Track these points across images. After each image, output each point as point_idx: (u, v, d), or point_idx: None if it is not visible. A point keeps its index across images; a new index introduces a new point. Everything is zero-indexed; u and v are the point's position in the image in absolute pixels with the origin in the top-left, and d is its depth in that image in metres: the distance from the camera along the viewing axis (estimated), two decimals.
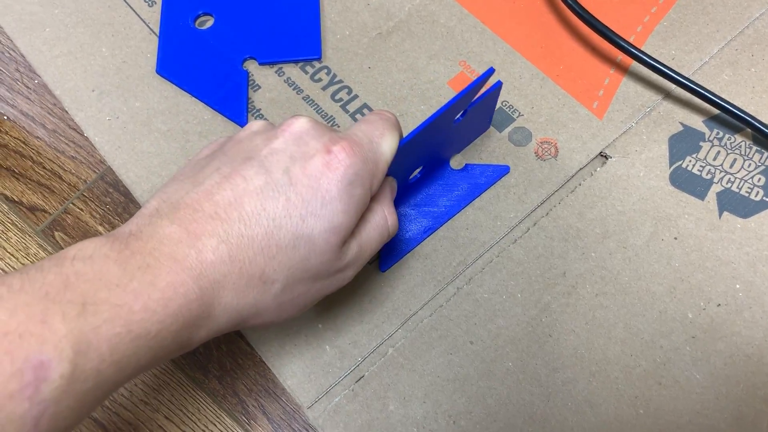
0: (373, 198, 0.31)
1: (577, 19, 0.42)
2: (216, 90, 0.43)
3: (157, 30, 0.45)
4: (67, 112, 0.44)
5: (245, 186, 0.27)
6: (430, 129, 0.32)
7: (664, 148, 0.39)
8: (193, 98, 0.43)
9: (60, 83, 0.44)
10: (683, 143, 0.40)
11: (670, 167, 0.39)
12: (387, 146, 0.30)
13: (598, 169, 0.39)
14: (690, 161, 0.39)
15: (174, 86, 0.43)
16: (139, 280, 0.23)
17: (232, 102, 0.42)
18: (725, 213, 0.38)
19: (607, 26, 0.40)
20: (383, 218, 0.31)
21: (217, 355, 0.38)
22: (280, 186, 0.27)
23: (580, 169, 0.39)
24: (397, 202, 0.38)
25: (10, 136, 0.45)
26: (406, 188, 0.38)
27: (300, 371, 0.36)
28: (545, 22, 0.44)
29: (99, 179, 0.43)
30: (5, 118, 0.45)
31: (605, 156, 0.40)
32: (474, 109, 0.35)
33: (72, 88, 0.44)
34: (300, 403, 0.35)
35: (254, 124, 0.30)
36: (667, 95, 0.41)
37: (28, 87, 0.46)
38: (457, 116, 0.35)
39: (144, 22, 0.45)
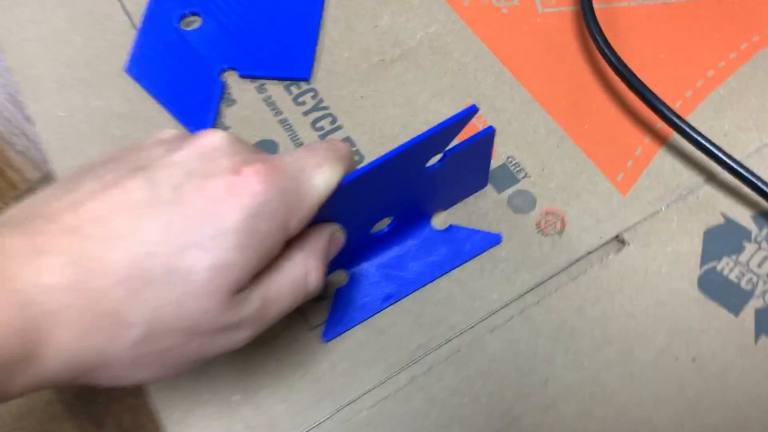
0: (294, 243, 0.25)
1: (614, 73, 0.35)
2: (185, 99, 0.37)
3: (138, 25, 0.40)
4: (23, 102, 0.39)
5: (122, 199, 0.21)
6: (391, 169, 0.26)
7: (696, 243, 0.32)
8: (159, 105, 0.37)
9: (23, 69, 0.39)
10: (722, 240, 0.32)
11: (700, 268, 0.31)
12: (322, 180, 0.24)
13: (611, 256, 0.32)
14: (727, 264, 0.31)
15: (141, 89, 0.38)
16: None
17: (199, 114, 0.37)
18: (763, 337, 0.30)
19: (647, 87, 0.33)
20: (301, 270, 0.24)
21: (118, 409, 0.32)
22: (164, 204, 0.21)
23: (589, 252, 0.32)
24: (358, 258, 0.32)
25: None
26: (369, 242, 0.31)
27: None
28: (576, 73, 0.37)
29: (42, 180, 0.38)
30: None
31: (622, 241, 0.32)
32: (457, 156, 0.29)
33: (34, 76, 0.39)
34: None
35: (165, 132, 0.25)
36: (711, 178, 0.33)
37: None
38: (434, 162, 0.28)
39: (127, 14, 0.41)
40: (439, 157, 0.29)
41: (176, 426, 0.30)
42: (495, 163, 0.35)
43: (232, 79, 0.38)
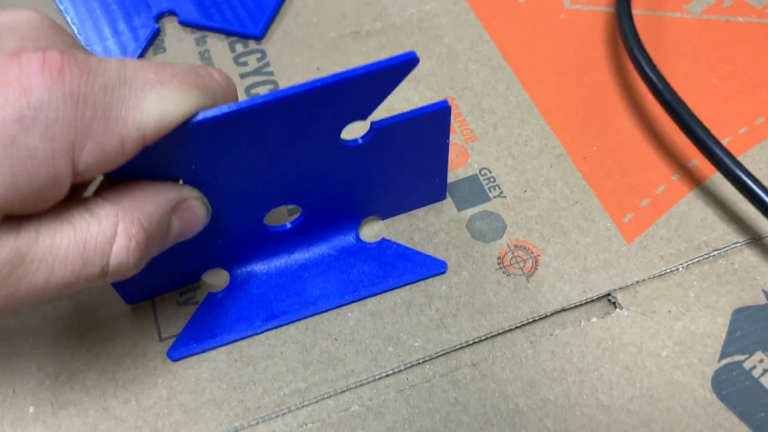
0: (106, 193, 0.17)
1: (648, 90, 0.26)
2: (109, 34, 0.30)
3: None
4: None
5: None
6: (284, 123, 0.18)
7: (720, 324, 0.22)
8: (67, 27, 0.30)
9: None
10: (759, 327, 0.22)
11: (719, 360, 0.21)
12: (156, 103, 0.16)
13: (594, 320, 0.22)
14: (761, 362, 0.21)
15: (59, 12, 0.31)
16: None
17: (116, 54, 0.29)
18: None
19: (692, 112, 0.24)
20: (107, 232, 0.17)
21: None
22: None
23: (564, 309, 0.23)
24: (247, 257, 0.23)
25: None
26: (264, 238, 0.23)
27: None
28: (595, 83, 0.28)
29: None
30: None
31: (613, 302, 0.23)
32: (393, 134, 0.20)
33: None
34: None
35: None
36: (756, 242, 0.24)
37: None
38: (357, 136, 0.20)
39: None
40: (365, 129, 0.20)
41: None
42: (464, 172, 0.26)
43: (170, 25, 0.31)
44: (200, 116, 0.17)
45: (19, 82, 0.15)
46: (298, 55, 0.30)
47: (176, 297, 0.23)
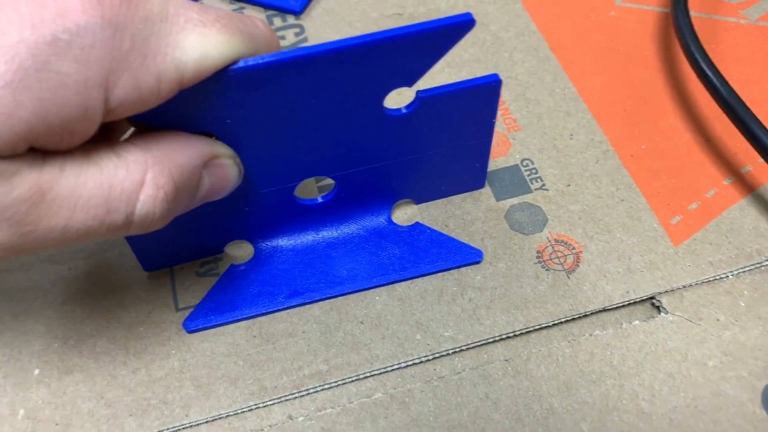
0: (137, 140, 0.16)
1: (697, 91, 0.25)
2: None
3: None
4: None
5: None
6: (328, 80, 0.17)
7: None
8: None
9: None
10: None
11: None
12: (197, 42, 0.16)
13: (637, 322, 0.21)
14: None
15: None
16: None
17: None
18: None
19: (752, 113, 0.23)
20: (134, 178, 0.16)
21: None
22: None
23: (605, 309, 0.21)
24: (272, 231, 0.22)
25: None
26: (291, 211, 0.22)
27: None
28: (646, 80, 0.27)
29: None
30: None
31: (658, 306, 0.21)
32: (438, 106, 0.19)
33: None
34: None
35: None
36: None
37: None
38: (401, 105, 0.19)
39: None
40: (410, 99, 0.19)
41: None
42: (505, 161, 0.25)
43: None
44: (241, 63, 0.16)
45: (55, 3, 0.14)
46: (337, 33, 0.29)
47: (196, 267, 0.22)
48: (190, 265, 0.22)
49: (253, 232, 0.22)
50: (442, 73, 0.27)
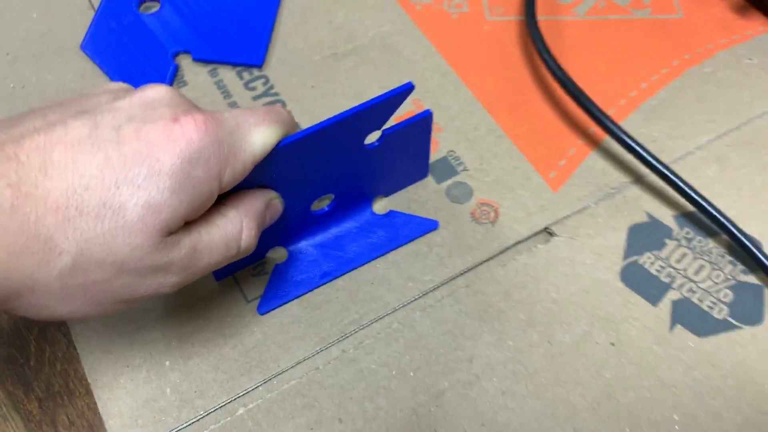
0: (230, 202, 0.26)
1: (553, 80, 0.37)
2: (138, 77, 0.38)
3: (96, 5, 0.41)
4: None
5: (63, 135, 0.22)
6: (329, 139, 0.27)
7: (621, 238, 0.33)
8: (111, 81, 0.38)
9: None
10: (645, 236, 0.34)
11: (623, 260, 0.33)
12: (259, 137, 0.25)
13: (540, 246, 0.33)
14: (648, 258, 0.33)
15: (95, 66, 0.38)
16: None
17: None
18: (678, 326, 0.31)
19: (584, 93, 0.35)
20: (235, 227, 0.25)
21: (48, 373, 0.31)
22: (103, 142, 0.22)
23: (519, 242, 0.33)
24: (297, 237, 0.33)
25: None
26: (309, 221, 0.32)
27: (128, 411, 0.29)
28: (517, 77, 0.39)
29: None
30: None
31: (550, 233, 0.34)
32: (396, 137, 0.30)
33: None
34: None
35: (111, 84, 0.26)
36: (638, 180, 0.35)
37: None
38: (373, 140, 0.30)
39: None
40: (378, 135, 0.30)
41: (104, 389, 0.30)
42: (436, 156, 0.36)
43: (185, 62, 0.39)
44: (282, 142, 0.26)
45: (183, 137, 0.23)
46: (294, 77, 0.39)
47: (250, 271, 0.33)
48: (245, 270, 0.33)
49: (285, 239, 0.32)
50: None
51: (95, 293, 0.22)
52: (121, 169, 0.21)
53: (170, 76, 0.38)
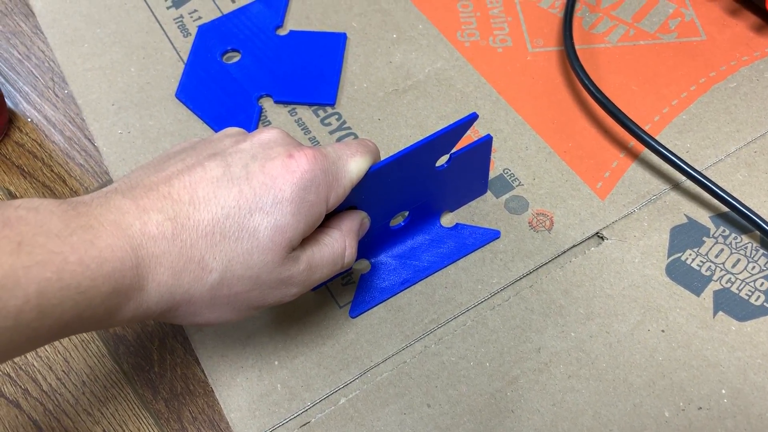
0: (333, 223, 0.31)
1: (594, 101, 0.42)
2: (228, 119, 0.43)
3: (185, 58, 0.47)
4: (85, 121, 0.45)
5: (203, 174, 0.27)
6: (407, 164, 0.32)
7: (664, 238, 0.38)
8: (205, 125, 0.44)
9: (84, 94, 0.46)
10: (685, 236, 0.38)
11: (668, 258, 0.37)
12: (354, 165, 0.30)
13: (592, 248, 0.38)
14: (690, 255, 0.37)
15: (189, 111, 0.44)
16: (79, 236, 0.23)
17: None
18: (720, 313, 0.35)
19: (622, 112, 0.40)
20: (340, 245, 0.30)
21: (170, 377, 0.37)
22: (236, 178, 0.27)
23: (574, 246, 0.38)
24: (378, 250, 0.38)
25: (29, 137, 0.46)
26: (388, 235, 0.37)
27: (246, 405, 0.34)
28: (561, 101, 0.44)
29: (99, 187, 0.44)
30: (29, 120, 0.47)
31: (601, 237, 0.38)
32: (461, 159, 0.35)
33: (94, 100, 0.45)
34: None
35: (229, 129, 0.31)
36: (676, 186, 0.40)
37: (57, 95, 0.48)
38: (442, 163, 0.34)
39: (175, 50, 0.47)
40: (446, 159, 0.35)
41: (224, 387, 0.35)
42: (493, 173, 0.41)
43: (267, 104, 0.44)
44: (371, 169, 0.31)
45: (298, 169, 0.28)
46: (363, 112, 0.44)
47: (339, 281, 0.37)
48: (336, 281, 0.37)
49: (369, 252, 0.37)
50: (437, 125, 0.43)
51: (236, 302, 0.27)
52: (252, 199, 0.27)
53: (256, 117, 0.43)
